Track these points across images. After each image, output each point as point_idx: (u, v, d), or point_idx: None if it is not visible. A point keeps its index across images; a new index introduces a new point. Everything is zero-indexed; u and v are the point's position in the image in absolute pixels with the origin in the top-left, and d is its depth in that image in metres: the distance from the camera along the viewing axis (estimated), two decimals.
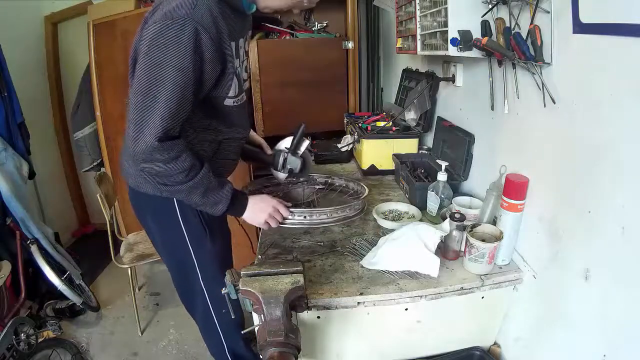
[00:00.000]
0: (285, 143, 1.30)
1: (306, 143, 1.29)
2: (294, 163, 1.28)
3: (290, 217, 1.18)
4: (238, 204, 1.10)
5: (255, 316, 0.93)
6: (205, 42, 0.87)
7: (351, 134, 1.94)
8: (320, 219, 1.21)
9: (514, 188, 1.00)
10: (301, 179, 1.32)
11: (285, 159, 1.28)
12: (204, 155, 1.06)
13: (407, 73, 1.99)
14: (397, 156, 1.64)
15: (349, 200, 1.41)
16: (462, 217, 1.04)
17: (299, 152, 1.29)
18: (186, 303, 1.34)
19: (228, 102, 1.04)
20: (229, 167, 1.23)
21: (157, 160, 0.90)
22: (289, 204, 1.19)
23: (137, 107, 0.87)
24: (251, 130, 1.33)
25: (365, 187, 1.43)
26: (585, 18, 0.79)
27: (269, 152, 1.34)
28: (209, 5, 0.88)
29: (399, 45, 1.65)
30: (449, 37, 1.11)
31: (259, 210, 1.13)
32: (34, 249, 1.91)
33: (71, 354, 1.84)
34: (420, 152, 1.73)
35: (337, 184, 1.56)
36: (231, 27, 0.96)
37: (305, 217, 1.20)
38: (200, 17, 0.86)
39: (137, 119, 0.87)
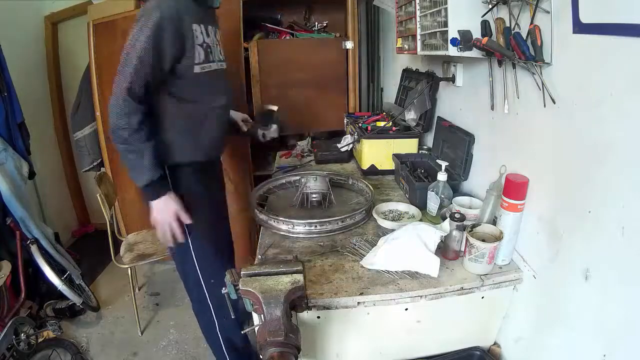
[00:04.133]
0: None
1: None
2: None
3: (300, 227, 1.26)
4: (160, 188, 1.21)
5: (255, 316, 0.93)
6: (166, 27, 1.10)
7: (351, 134, 1.94)
8: (328, 228, 1.27)
9: (514, 188, 1.00)
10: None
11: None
12: (190, 130, 1.26)
13: (407, 73, 1.99)
14: (397, 156, 1.64)
15: (355, 197, 1.49)
16: (462, 217, 1.04)
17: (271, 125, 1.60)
18: (184, 282, 1.47)
19: (197, 69, 1.21)
20: (216, 143, 1.39)
21: (119, 114, 1.12)
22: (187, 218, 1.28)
23: (117, 74, 1.14)
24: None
25: (371, 188, 1.47)
26: (585, 18, 0.79)
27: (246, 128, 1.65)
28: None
29: (399, 45, 1.65)
30: (449, 37, 1.10)
31: (163, 208, 1.22)
32: (34, 249, 1.91)
33: (71, 354, 1.84)
34: (420, 152, 1.73)
35: (344, 180, 1.63)
36: (195, 14, 1.19)
37: (315, 226, 1.25)
38: (167, 7, 1.10)
39: (115, 80, 1.14)
